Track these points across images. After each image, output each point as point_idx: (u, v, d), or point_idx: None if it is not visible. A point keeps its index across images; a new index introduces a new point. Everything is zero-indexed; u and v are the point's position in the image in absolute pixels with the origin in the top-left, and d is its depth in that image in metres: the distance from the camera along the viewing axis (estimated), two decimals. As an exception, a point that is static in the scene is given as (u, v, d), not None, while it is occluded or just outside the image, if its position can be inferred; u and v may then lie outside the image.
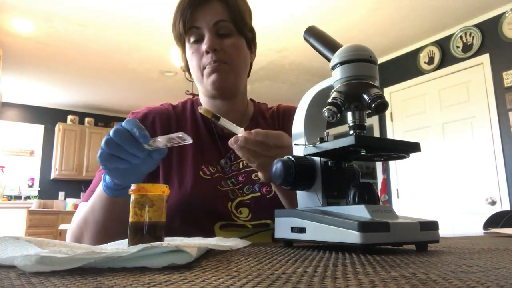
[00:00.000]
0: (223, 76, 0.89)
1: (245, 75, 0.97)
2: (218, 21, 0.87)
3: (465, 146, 3.52)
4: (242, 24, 0.91)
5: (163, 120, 0.94)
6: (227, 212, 0.86)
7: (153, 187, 0.50)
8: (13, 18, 3.49)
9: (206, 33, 0.87)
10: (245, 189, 0.89)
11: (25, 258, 0.35)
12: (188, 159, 0.90)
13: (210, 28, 0.87)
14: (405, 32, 3.78)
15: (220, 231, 0.85)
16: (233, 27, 0.89)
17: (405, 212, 2.47)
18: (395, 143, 0.56)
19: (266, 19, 3.49)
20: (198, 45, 0.89)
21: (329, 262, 0.40)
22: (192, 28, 0.88)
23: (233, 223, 0.86)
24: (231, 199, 0.87)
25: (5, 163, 5.82)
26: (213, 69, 0.88)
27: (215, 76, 0.88)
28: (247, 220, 0.87)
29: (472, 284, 0.26)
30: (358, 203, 0.53)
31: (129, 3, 3.25)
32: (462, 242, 0.69)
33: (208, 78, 0.89)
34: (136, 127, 0.59)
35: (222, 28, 0.88)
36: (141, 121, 0.91)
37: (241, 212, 0.87)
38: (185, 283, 0.29)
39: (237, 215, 0.86)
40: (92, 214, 0.77)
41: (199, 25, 0.88)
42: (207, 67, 0.88)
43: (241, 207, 0.87)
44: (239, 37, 0.91)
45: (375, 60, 0.57)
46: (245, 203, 0.88)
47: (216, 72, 0.88)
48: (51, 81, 5.15)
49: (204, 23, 0.87)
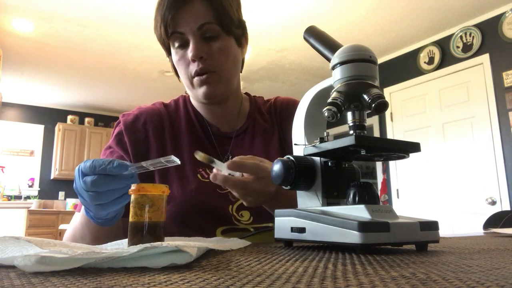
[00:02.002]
0: (213, 87, 0.84)
1: (236, 77, 0.92)
2: (203, 24, 0.80)
3: (465, 146, 3.52)
4: (229, 23, 0.84)
5: (155, 121, 0.91)
6: (228, 216, 0.84)
7: (153, 187, 0.50)
8: (13, 18, 3.49)
9: (190, 38, 0.81)
10: None
11: (25, 258, 0.35)
12: (185, 162, 0.87)
13: (195, 32, 0.81)
14: (405, 32, 3.78)
15: (222, 236, 0.83)
16: (219, 29, 0.82)
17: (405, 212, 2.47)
18: (395, 143, 0.56)
19: (266, 19, 3.49)
20: (184, 51, 0.83)
21: (329, 262, 0.40)
22: (175, 33, 0.82)
23: (235, 228, 0.84)
24: (232, 202, 0.86)
25: (5, 163, 5.83)
26: (202, 82, 0.83)
27: (205, 89, 0.84)
28: (249, 223, 0.85)
29: (472, 284, 0.26)
30: (358, 203, 0.53)
31: (129, 3, 3.25)
32: (462, 242, 0.69)
33: (198, 89, 0.85)
34: (105, 164, 0.56)
35: (208, 31, 0.81)
36: (132, 123, 0.89)
37: (242, 215, 0.85)
38: (185, 283, 0.29)
39: (238, 218, 0.85)
40: (81, 231, 0.76)
41: (182, 31, 0.81)
42: (195, 78, 0.84)
43: (242, 210, 0.85)
44: (227, 38, 0.85)
45: (375, 60, 0.57)
46: (246, 206, 0.87)
47: (206, 85, 0.84)
48: (51, 81, 5.15)
49: (187, 28, 0.81)
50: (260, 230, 0.83)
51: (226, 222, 0.84)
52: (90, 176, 0.57)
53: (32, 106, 6.23)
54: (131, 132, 0.88)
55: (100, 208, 0.60)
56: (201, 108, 0.94)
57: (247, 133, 0.95)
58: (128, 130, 0.88)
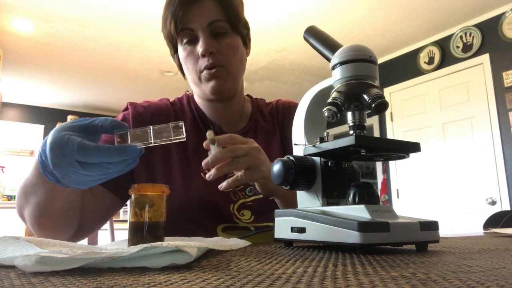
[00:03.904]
0: (222, 82, 0.86)
1: (242, 75, 0.94)
2: (213, 21, 0.83)
3: (465, 146, 3.52)
4: (237, 21, 0.87)
5: (162, 116, 0.91)
6: (229, 214, 0.85)
7: (153, 187, 0.50)
8: (13, 18, 3.49)
9: (200, 34, 0.83)
10: (247, 190, 0.88)
11: (25, 258, 0.35)
12: (189, 159, 0.88)
13: (204, 29, 0.83)
14: (405, 32, 3.78)
15: (222, 233, 0.84)
16: (228, 26, 0.85)
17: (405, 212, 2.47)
18: (395, 143, 0.56)
19: (266, 19, 3.49)
20: (192, 47, 0.85)
21: (329, 262, 0.40)
22: (185, 29, 0.84)
23: (235, 226, 0.85)
24: (233, 201, 0.86)
25: (5, 163, 5.82)
26: (211, 76, 0.85)
27: (214, 83, 0.85)
28: (250, 222, 0.86)
29: (472, 284, 0.26)
30: (358, 203, 0.53)
31: (129, 3, 3.25)
32: (462, 242, 0.69)
33: (206, 84, 0.86)
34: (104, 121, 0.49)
35: (217, 28, 0.84)
36: (141, 114, 0.89)
37: (243, 214, 0.86)
38: (185, 283, 0.29)
39: (239, 217, 0.86)
40: (32, 191, 0.64)
41: (192, 27, 0.83)
42: (204, 72, 0.85)
43: (243, 209, 0.86)
44: (234, 36, 0.87)
45: (375, 60, 0.57)
46: (248, 205, 0.87)
47: (215, 79, 0.85)
48: (51, 81, 5.15)
49: (197, 25, 0.83)
50: (260, 230, 0.83)
51: (226, 220, 0.85)
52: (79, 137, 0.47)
53: (32, 106, 6.23)
54: (138, 121, 0.88)
55: (80, 180, 0.50)
56: (205, 106, 0.95)
57: (249, 134, 0.95)
58: (135, 118, 0.88)
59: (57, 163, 0.48)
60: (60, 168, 0.48)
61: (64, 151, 0.47)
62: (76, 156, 0.47)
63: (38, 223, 0.69)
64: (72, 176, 0.49)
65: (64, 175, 0.49)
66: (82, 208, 0.76)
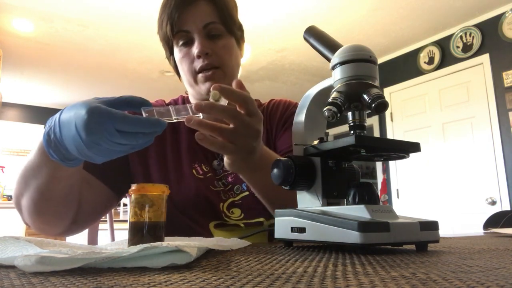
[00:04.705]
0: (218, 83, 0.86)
1: (237, 76, 0.94)
2: (208, 23, 0.85)
3: (465, 146, 3.52)
4: (232, 24, 0.88)
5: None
6: (219, 212, 0.87)
7: (153, 187, 0.50)
8: (13, 18, 3.49)
9: (196, 36, 0.85)
10: (235, 189, 0.90)
11: (25, 258, 0.35)
12: (183, 158, 0.90)
13: (200, 31, 0.84)
14: (405, 32, 3.78)
15: (215, 230, 0.86)
16: (223, 28, 0.87)
17: (405, 212, 2.46)
18: (395, 143, 0.56)
19: (266, 19, 3.49)
20: (188, 49, 0.86)
21: (329, 262, 0.40)
22: (181, 31, 0.85)
23: (226, 223, 0.87)
24: (223, 200, 0.88)
25: (5, 163, 5.82)
26: (207, 77, 0.85)
27: (209, 85, 0.85)
28: (240, 219, 0.87)
29: (472, 284, 0.26)
30: (358, 203, 0.53)
31: (129, 3, 3.25)
32: (462, 242, 0.69)
33: (202, 85, 0.87)
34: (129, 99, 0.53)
35: (212, 30, 0.85)
36: None
37: (232, 212, 0.88)
38: (185, 283, 0.29)
39: (229, 215, 0.87)
40: (33, 174, 0.64)
41: (188, 29, 0.85)
42: (200, 74, 0.86)
43: (233, 207, 0.88)
44: (229, 38, 0.89)
45: (375, 60, 0.57)
46: (237, 204, 0.88)
47: (211, 81, 0.85)
48: (51, 81, 5.15)
49: (193, 27, 0.84)
50: (258, 230, 0.84)
51: (217, 217, 0.87)
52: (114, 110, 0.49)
53: (32, 106, 6.23)
54: None
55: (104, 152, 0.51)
56: None
57: None
58: None
59: (94, 130, 0.48)
60: (94, 136, 0.48)
61: (104, 119, 0.48)
62: (118, 124, 0.48)
63: (37, 209, 0.69)
64: (103, 144, 0.50)
65: (93, 144, 0.49)
66: (79, 199, 0.77)
